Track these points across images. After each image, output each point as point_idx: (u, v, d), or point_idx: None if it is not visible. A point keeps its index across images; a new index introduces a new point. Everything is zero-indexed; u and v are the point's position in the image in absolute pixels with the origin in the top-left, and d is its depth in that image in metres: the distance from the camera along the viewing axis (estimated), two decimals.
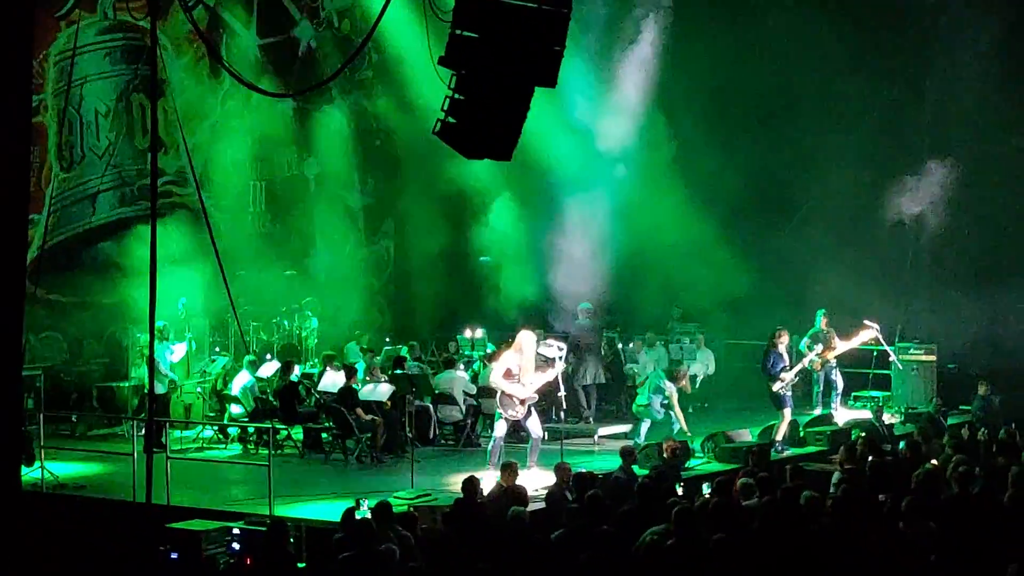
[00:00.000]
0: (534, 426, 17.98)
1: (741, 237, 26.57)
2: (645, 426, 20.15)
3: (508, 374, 17.83)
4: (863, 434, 18.81)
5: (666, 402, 19.90)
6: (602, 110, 26.60)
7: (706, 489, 14.84)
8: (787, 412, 20.19)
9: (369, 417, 19.79)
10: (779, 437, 20.19)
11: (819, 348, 21.96)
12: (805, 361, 21.38)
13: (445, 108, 13.52)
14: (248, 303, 24.62)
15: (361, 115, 29.40)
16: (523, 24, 13.35)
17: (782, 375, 20.05)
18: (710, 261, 26.01)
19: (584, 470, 15.12)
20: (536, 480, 16.63)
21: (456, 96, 13.44)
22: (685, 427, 19.93)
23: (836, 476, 14.80)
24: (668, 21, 26.71)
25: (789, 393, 20.16)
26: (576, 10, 13.67)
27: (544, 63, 13.61)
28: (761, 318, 24.38)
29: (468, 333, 26.30)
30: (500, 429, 18.06)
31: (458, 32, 13.30)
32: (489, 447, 18.19)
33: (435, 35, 14.04)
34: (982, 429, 18.50)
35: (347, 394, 19.99)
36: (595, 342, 23.73)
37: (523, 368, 17.93)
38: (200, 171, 24.68)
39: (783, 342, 20.41)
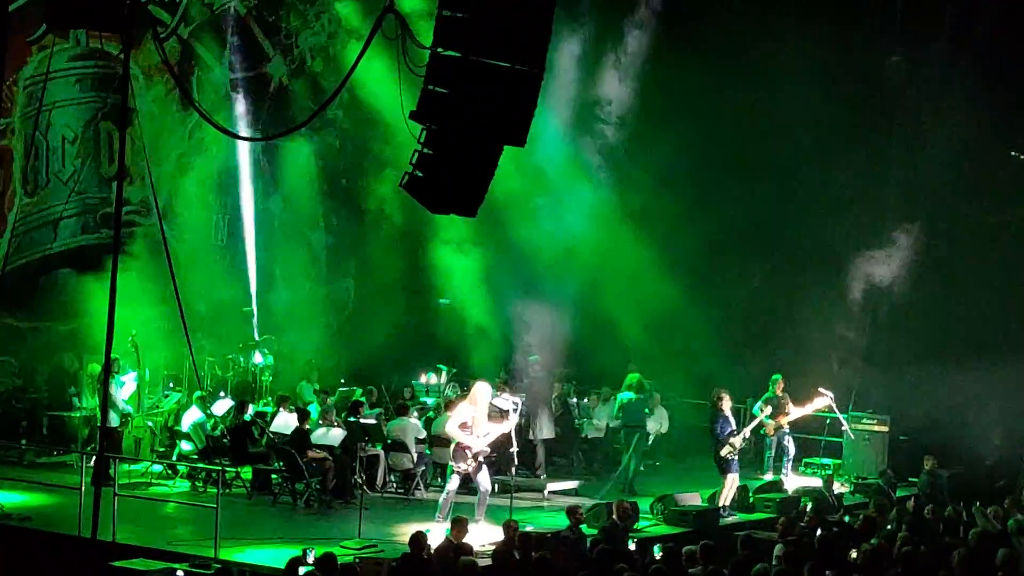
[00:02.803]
0: (483, 479, 17.95)
1: (703, 298, 26.66)
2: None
3: (464, 426, 17.83)
4: (811, 505, 18.86)
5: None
6: (569, 155, 26.70)
7: (657, 551, 14.87)
8: (731, 478, 20.24)
9: (321, 457, 19.73)
10: (726, 502, 20.22)
11: (767, 410, 22.01)
12: (755, 422, 21.44)
13: (413, 162, 13.61)
14: (205, 338, 24.51)
15: (328, 153, 29.38)
16: (495, 83, 13.44)
17: (731, 440, 20.13)
18: (670, 319, 26.08)
19: (531, 529, 15.12)
20: (483, 535, 16.58)
21: (425, 150, 13.53)
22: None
23: (779, 548, 14.84)
24: (640, 79, 26.88)
25: (735, 458, 20.22)
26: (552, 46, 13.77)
27: (514, 122, 13.71)
28: (718, 379, 24.47)
29: (423, 379, 26.27)
30: (454, 483, 18.04)
31: (430, 87, 13.39)
32: (441, 499, 18.15)
33: (408, 88, 14.13)
34: (928, 506, 18.57)
35: (299, 437, 19.92)
36: (547, 395, 23.72)
37: (476, 420, 17.94)
38: (164, 203, 24.58)
39: (726, 404, 20.52)
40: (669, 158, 26.47)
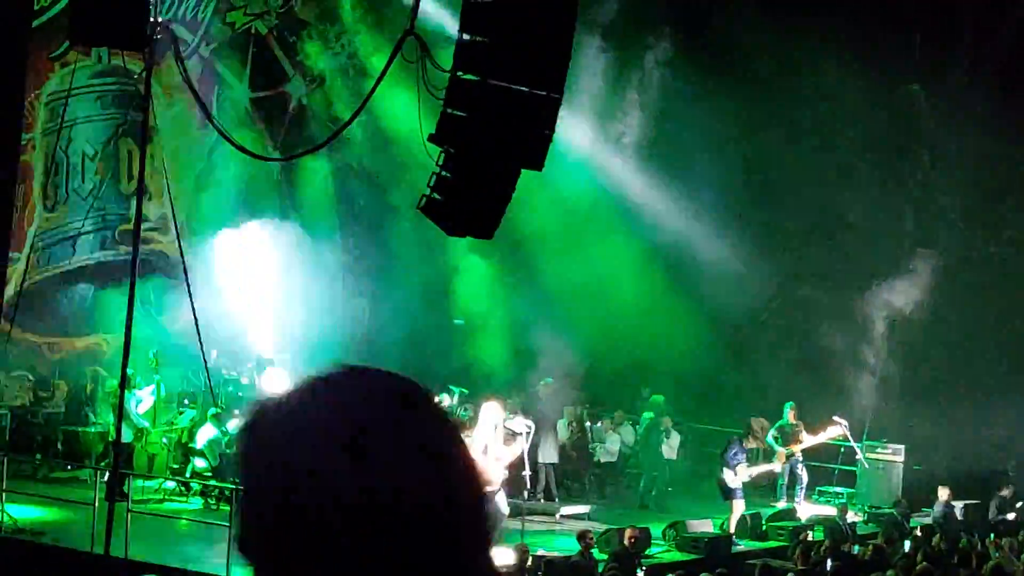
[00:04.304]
0: (501, 503, 17.93)
1: (717, 322, 26.64)
2: None
3: (485, 450, 17.84)
4: (829, 538, 18.74)
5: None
6: (595, 187, 26.75)
7: None
8: (738, 504, 20.30)
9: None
10: (731, 529, 20.26)
11: (780, 457, 22.31)
12: (765, 468, 21.58)
13: (431, 184, 13.65)
14: (220, 355, 24.54)
15: (346, 173, 29.45)
16: (514, 107, 13.49)
17: (737, 468, 20.19)
18: (682, 345, 26.04)
19: (542, 553, 15.12)
20: (497, 558, 16.53)
21: (443, 173, 13.58)
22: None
23: None
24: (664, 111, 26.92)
25: (738, 486, 20.30)
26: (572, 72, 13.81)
27: (532, 146, 13.75)
28: (728, 405, 24.47)
29: (436, 399, 26.23)
30: (503, 506, 17.98)
31: (449, 111, 13.44)
32: None
33: (427, 110, 14.18)
34: (937, 535, 18.49)
35: None
36: (554, 419, 23.70)
37: (486, 441, 17.94)
38: (182, 220, 24.63)
39: (752, 440, 20.62)
40: (692, 187, 26.51)
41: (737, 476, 20.15)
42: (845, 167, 27.05)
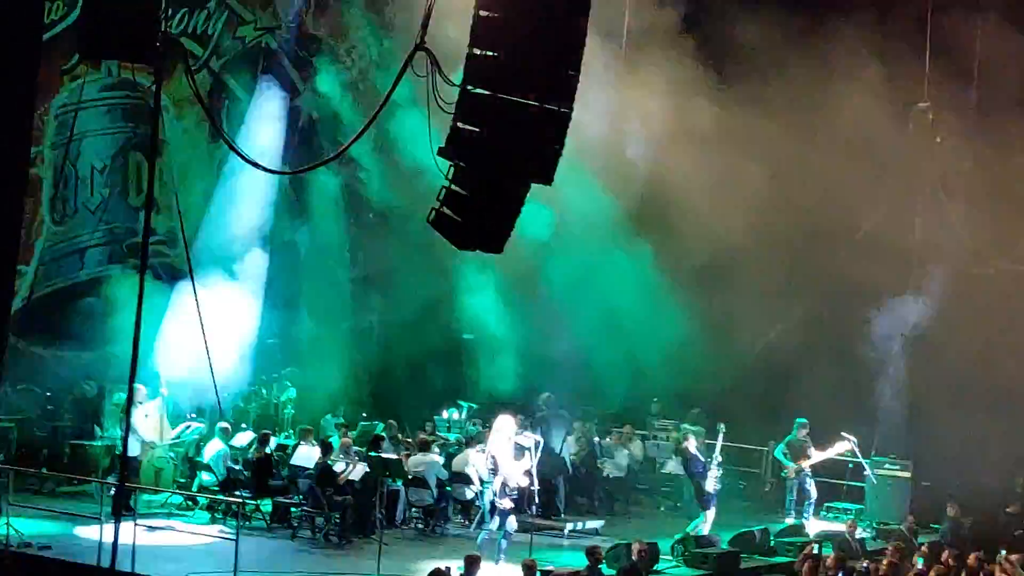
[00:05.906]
0: (510, 519, 17.91)
1: (726, 339, 26.56)
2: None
3: (500, 462, 17.94)
4: (840, 552, 18.65)
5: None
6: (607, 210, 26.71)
7: None
8: (711, 513, 20.44)
9: (341, 495, 19.70)
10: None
11: (790, 473, 22.41)
12: (718, 441, 21.64)
13: (441, 198, 13.62)
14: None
15: (356, 187, 29.41)
16: (524, 121, 13.46)
17: (709, 473, 20.37)
18: (692, 359, 25.97)
19: (551, 568, 15.08)
20: (503, 574, 16.53)
21: (453, 187, 13.54)
22: None
23: None
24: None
25: (716, 493, 20.47)
26: None
27: (542, 160, 13.71)
28: (740, 420, 24.38)
29: (445, 414, 26.23)
30: (512, 522, 17.96)
31: (459, 125, 13.41)
32: (502, 539, 17.94)
33: (436, 123, 14.14)
34: (945, 552, 18.42)
35: (323, 472, 19.86)
36: (561, 433, 23.65)
37: (501, 453, 18.01)
38: (191, 233, 24.61)
39: (692, 444, 20.83)
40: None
41: (716, 476, 20.39)
42: (857, 184, 26.92)
